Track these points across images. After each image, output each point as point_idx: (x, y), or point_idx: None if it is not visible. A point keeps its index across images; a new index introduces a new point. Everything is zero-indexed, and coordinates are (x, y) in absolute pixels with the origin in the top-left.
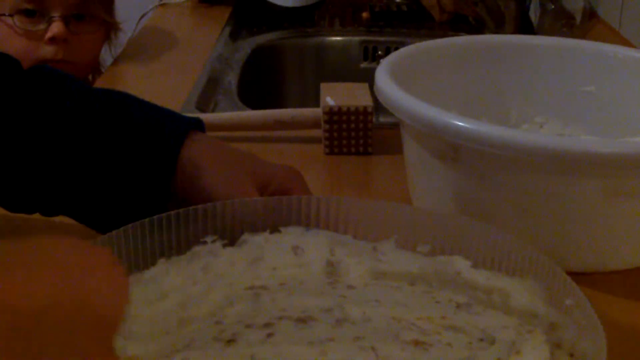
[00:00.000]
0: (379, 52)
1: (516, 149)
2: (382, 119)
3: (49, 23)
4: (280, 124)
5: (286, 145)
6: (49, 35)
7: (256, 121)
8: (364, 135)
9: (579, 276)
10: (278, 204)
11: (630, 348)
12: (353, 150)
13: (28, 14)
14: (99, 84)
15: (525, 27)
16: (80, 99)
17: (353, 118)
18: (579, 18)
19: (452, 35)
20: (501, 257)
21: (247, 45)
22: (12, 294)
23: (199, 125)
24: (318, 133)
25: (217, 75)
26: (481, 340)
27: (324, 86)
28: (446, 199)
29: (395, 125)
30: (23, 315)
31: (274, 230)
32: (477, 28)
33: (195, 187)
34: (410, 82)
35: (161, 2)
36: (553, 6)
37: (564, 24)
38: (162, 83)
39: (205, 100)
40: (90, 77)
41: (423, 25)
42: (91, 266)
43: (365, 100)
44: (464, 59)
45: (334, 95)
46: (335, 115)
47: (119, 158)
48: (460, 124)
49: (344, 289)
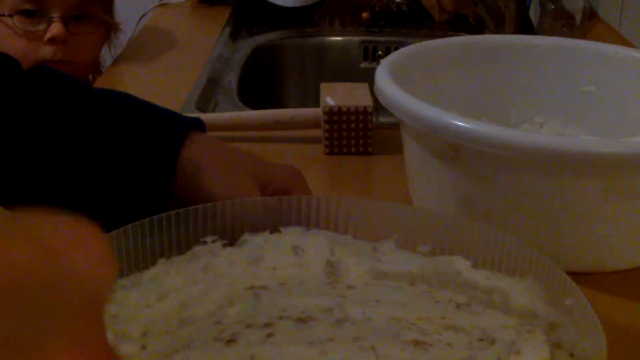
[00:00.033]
0: (379, 52)
1: (516, 149)
2: (382, 119)
3: (49, 23)
4: (280, 124)
5: (286, 145)
6: (48, 35)
7: (256, 121)
8: (364, 135)
9: (579, 276)
10: (278, 204)
11: (630, 348)
12: (353, 150)
13: (27, 14)
14: (99, 84)
15: (525, 27)
16: (80, 99)
17: (353, 118)
18: (579, 18)
19: (452, 35)
20: (501, 257)
21: (247, 45)
22: None
23: (199, 126)
24: (318, 133)
25: (217, 75)
26: (481, 340)
27: (324, 86)
28: (446, 199)
29: (395, 125)
30: None
31: (274, 230)
32: (477, 28)
33: (195, 187)
34: (410, 82)
35: (161, 2)
36: (553, 6)
37: (564, 24)
38: (162, 83)
39: (205, 100)
40: (90, 77)
41: (423, 25)
42: (76, 240)
43: (365, 100)
44: (464, 59)
45: (334, 95)
46: (335, 115)
47: (119, 158)
48: (460, 124)
49: (344, 289)
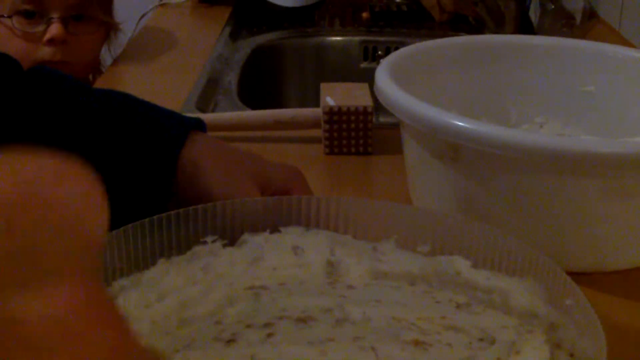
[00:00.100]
0: (379, 52)
1: (516, 149)
2: (382, 119)
3: (48, 24)
4: (280, 124)
5: (286, 145)
6: (47, 36)
7: (256, 121)
8: (364, 135)
9: (579, 276)
10: (278, 204)
11: (630, 348)
12: (353, 150)
13: (27, 15)
14: (99, 84)
15: (525, 27)
16: (80, 99)
17: (353, 118)
18: (579, 18)
19: (452, 35)
20: (501, 257)
21: (247, 45)
22: None
23: (199, 126)
24: (318, 133)
25: (217, 75)
26: (481, 340)
27: (324, 86)
28: (446, 199)
29: (395, 125)
30: None
31: (274, 230)
32: (477, 28)
33: (195, 187)
34: (410, 82)
35: (161, 2)
36: (553, 6)
37: (564, 24)
38: (162, 83)
39: (205, 100)
40: (90, 77)
41: (423, 25)
42: (61, 176)
43: (365, 100)
44: (464, 59)
45: (334, 95)
46: (335, 115)
47: (120, 158)
48: (460, 124)
49: (344, 289)
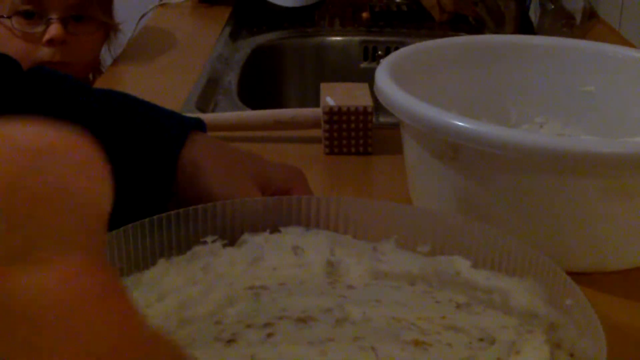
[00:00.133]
0: (379, 52)
1: (516, 149)
2: (382, 119)
3: (47, 25)
4: (280, 124)
5: (286, 145)
6: (46, 37)
7: (256, 121)
8: (364, 135)
9: (579, 276)
10: (278, 204)
11: (630, 348)
12: (353, 150)
13: (26, 15)
14: (99, 84)
15: (525, 27)
16: (80, 99)
17: (353, 118)
18: (579, 18)
19: (452, 35)
20: (501, 257)
21: (247, 45)
22: None
23: (199, 126)
24: (318, 133)
25: (217, 75)
26: (481, 340)
27: (324, 86)
28: (446, 199)
29: (395, 125)
30: None
31: (274, 230)
32: (477, 28)
33: (195, 188)
34: (410, 82)
35: (161, 2)
36: (553, 6)
37: (564, 24)
38: (162, 83)
39: (205, 100)
40: (90, 77)
41: (423, 25)
42: (62, 145)
43: (365, 100)
44: (464, 59)
45: (334, 95)
46: (335, 115)
47: (119, 158)
48: (460, 124)
49: (344, 289)
